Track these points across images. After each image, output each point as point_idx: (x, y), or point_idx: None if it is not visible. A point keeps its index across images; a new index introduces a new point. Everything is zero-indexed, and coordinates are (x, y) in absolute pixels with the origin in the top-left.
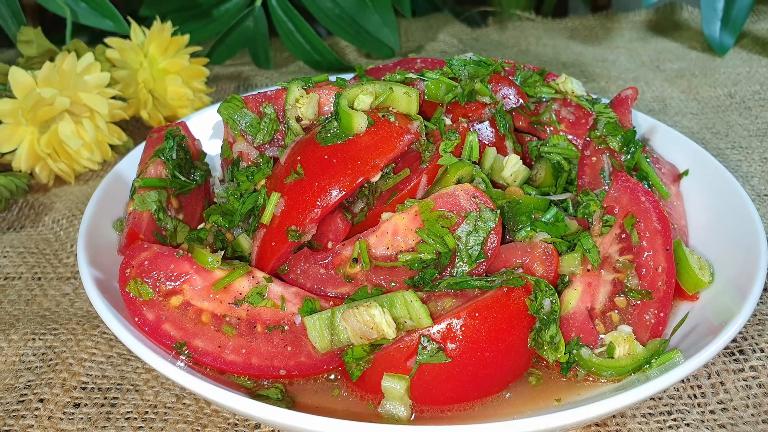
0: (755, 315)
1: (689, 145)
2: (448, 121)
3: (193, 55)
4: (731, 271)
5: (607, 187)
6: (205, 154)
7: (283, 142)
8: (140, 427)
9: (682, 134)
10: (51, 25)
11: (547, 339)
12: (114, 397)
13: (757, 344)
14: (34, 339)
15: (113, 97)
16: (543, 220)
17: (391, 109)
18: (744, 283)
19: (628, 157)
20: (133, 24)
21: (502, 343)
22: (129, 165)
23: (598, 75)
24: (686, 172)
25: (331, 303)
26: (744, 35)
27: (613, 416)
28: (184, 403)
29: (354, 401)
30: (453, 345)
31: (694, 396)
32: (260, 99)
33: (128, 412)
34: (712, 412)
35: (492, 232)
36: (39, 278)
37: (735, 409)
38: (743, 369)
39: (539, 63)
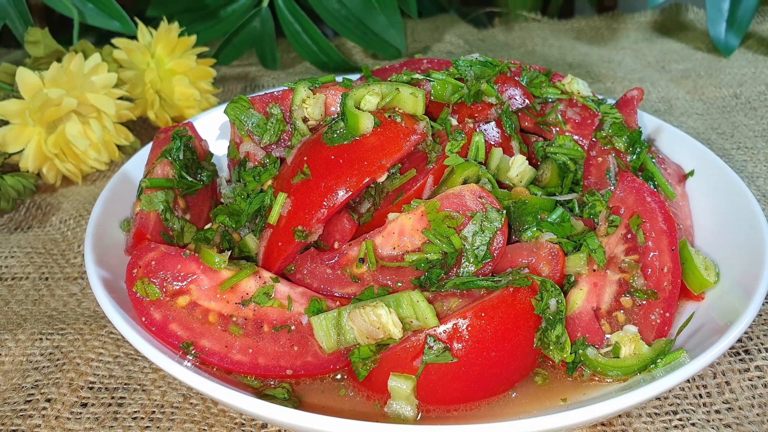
0: (761, 315)
1: (695, 145)
2: (454, 122)
3: (200, 55)
4: (737, 271)
5: (612, 188)
6: (212, 155)
7: (289, 143)
8: (147, 426)
9: (687, 135)
10: (58, 25)
11: (553, 339)
12: (121, 397)
13: (762, 344)
14: (41, 339)
15: (120, 98)
16: (549, 220)
17: (397, 109)
18: (749, 283)
19: (634, 157)
20: (140, 25)
21: (508, 342)
22: (136, 165)
23: (603, 76)
24: (692, 173)
25: (338, 303)
26: (749, 36)
27: (619, 416)
28: (191, 403)
29: (360, 401)
30: (459, 345)
31: (700, 396)
32: (267, 99)
33: (135, 411)
34: (717, 411)
35: (498, 232)
36: (46, 278)
37: (740, 408)
38: (749, 369)
39: (545, 64)
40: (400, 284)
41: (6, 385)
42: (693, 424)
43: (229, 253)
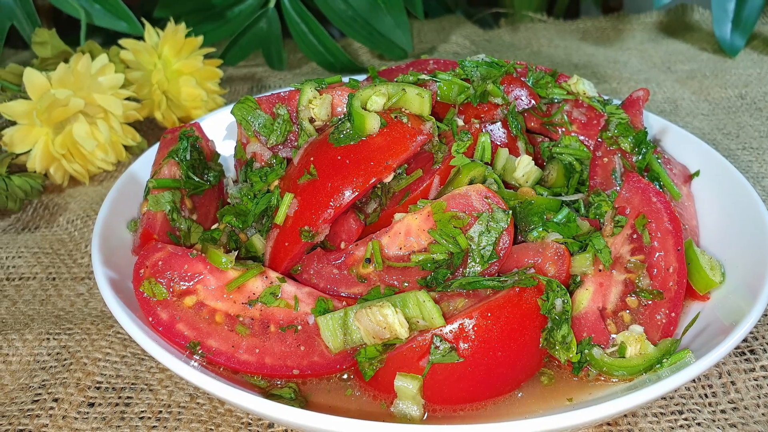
0: (766, 315)
1: (700, 146)
2: (460, 122)
3: (207, 56)
4: (742, 271)
5: (618, 188)
6: (218, 155)
7: (296, 143)
8: (154, 426)
9: (693, 135)
10: (65, 26)
11: (559, 339)
12: (128, 397)
13: None
14: (48, 339)
15: (127, 98)
16: (555, 220)
17: (403, 110)
18: (755, 283)
19: (640, 157)
20: (147, 25)
21: (514, 342)
22: (143, 166)
23: (609, 76)
24: (697, 173)
25: (344, 303)
26: (755, 36)
27: (625, 415)
28: (198, 403)
29: (367, 401)
30: (465, 345)
31: (705, 395)
32: (273, 100)
33: (142, 411)
34: (723, 411)
35: (504, 232)
36: (53, 278)
37: (746, 408)
38: (754, 369)
39: (551, 64)
40: (406, 284)
41: (13, 385)
42: (698, 424)
43: (236, 253)
